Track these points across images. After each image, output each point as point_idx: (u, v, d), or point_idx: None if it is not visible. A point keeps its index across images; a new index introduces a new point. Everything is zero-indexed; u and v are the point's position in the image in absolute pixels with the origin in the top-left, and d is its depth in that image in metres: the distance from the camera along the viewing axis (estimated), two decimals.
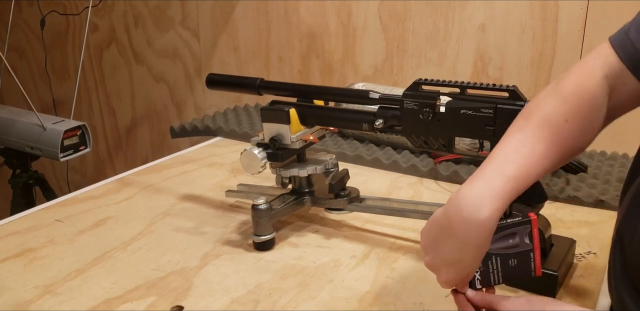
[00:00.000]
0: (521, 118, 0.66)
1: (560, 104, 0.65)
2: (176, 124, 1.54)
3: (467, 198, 0.59)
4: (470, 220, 0.58)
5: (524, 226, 0.63)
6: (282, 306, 0.79)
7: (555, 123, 0.64)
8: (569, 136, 0.64)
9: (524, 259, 0.64)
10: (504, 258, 0.64)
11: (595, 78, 0.65)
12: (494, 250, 0.64)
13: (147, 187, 1.19)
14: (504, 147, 0.63)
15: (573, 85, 0.66)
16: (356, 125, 0.93)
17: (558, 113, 0.64)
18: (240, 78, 1.03)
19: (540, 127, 0.64)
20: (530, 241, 0.63)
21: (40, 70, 2.38)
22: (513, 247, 0.64)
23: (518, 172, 0.61)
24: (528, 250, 0.63)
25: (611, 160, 1.27)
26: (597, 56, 0.66)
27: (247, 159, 0.93)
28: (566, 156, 0.66)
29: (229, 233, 1.00)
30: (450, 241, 0.60)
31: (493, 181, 0.60)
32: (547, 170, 0.64)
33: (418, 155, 1.30)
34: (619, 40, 0.65)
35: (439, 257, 0.62)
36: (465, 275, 0.62)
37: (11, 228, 1.02)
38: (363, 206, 0.99)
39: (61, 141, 1.52)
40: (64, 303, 0.80)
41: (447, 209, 0.61)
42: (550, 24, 1.39)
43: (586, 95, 0.65)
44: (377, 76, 1.66)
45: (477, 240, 0.59)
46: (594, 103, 0.65)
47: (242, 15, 1.82)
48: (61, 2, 2.21)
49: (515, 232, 0.63)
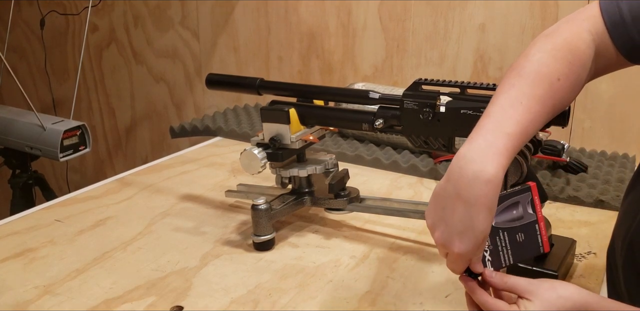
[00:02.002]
0: (514, 74, 0.65)
1: (553, 62, 0.65)
2: (176, 124, 1.54)
3: (469, 157, 0.58)
4: (476, 178, 0.56)
5: (525, 193, 0.62)
6: (281, 306, 0.79)
7: (549, 81, 0.63)
8: (561, 94, 0.64)
9: (531, 233, 0.63)
10: (511, 232, 0.63)
11: (584, 41, 0.66)
12: (499, 223, 0.63)
13: (147, 187, 1.19)
14: (499, 104, 0.62)
15: (564, 43, 0.66)
16: (356, 125, 0.93)
17: (551, 71, 0.64)
18: (240, 78, 1.03)
19: (534, 84, 0.63)
20: (534, 211, 0.62)
21: (40, 70, 2.38)
22: (518, 219, 0.63)
23: (516, 129, 0.60)
24: (533, 222, 0.63)
25: (611, 160, 1.27)
26: (586, 17, 0.68)
27: (247, 159, 0.93)
28: (555, 113, 0.66)
29: (229, 233, 1.00)
30: (458, 207, 0.58)
31: (494, 139, 0.59)
32: (540, 127, 0.64)
33: (418, 155, 1.30)
34: (609, 8, 0.66)
35: (450, 228, 0.59)
36: (481, 242, 0.58)
37: (11, 228, 1.02)
38: (363, 206, 0.99)
39: (61, 141, 1.51)
40: (64, 303, 0.80)
41: (450, 175, 0.59)
42: (550, 24, 1.37)
43: (577, 55, 0.66)
44: (377, 76, 1.66)
45: (486, 199, 0.56)
46: (583, 64, 0.66)
47: (242, 15, 1.82)
48: (61, 2, 2.20)
49: (518, 201, 0.62)
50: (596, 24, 0.67)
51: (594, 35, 0.67)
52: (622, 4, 0.65)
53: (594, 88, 1.39)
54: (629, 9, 0.64)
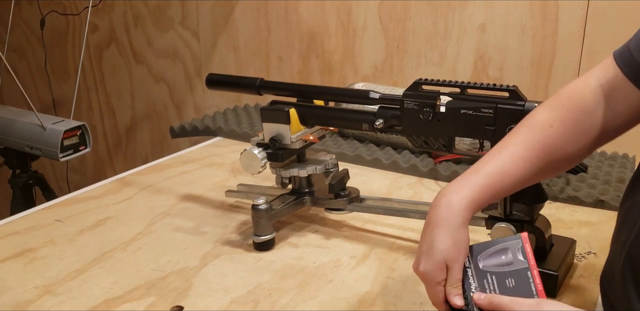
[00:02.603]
0: (517, 126, 0.70)
1: (549, 111, 0.68)
2: (176, 124, 1.54)
3: (442, 192, 0.65)
4: (440, 205, 0.64)
5: (515, 241, 0.63)
6: (281, 306, 0.79)
7: (540, 127, 0.67)
8: (553, 138, 0.67)
9: (522, 279, 0.61)
10: (500, 277, 0.62)
11: (589, 87, 0.68)
12: (487, 267, 0.63)
13: (147, 187, 1.19)
14: (491, 151, 0.68)
15: (566, 94, 0.69)
16: (356, 125, 0.93)
17: (545, 118, 0.68)
18: (240, 78, 1.03)
19: (526, 132, 0.68)
20: (525, 258, 0.62)
21: (40, 70, 2.38)
22: (507, 264, 0.62)
23: (492, 169, 0.65)
24: (524, 269, 0.61)
25: (611, 160, 1.27)
26: (596, 68, 0.69)
27: (247, 159, 0.93)
28: (553, 162, 0.68)
29: (229, 233, 1.00)
30: (426, 231, 0.64)
31: (468, 176, 0.66)
32: (528, 173, 0.66)
33: (418, 155, 1.30)
34: (620, 52, 0.67)
35: (418, 252, 0.65)
36: (440, 261, 0.62)
37: (11, 228, 1.02)
38: (363, 206, 0.99)
39: (61, 141, 1.51)
40: (64, 303, 0.80)
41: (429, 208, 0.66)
42: (550, 24, 1.39)
43: (576, 101, 0.68)
44: (377, 76, 1.66)
45: (446, 221, 0.63)
46: (583, 109, 0.67)
47: (242, 15, 1.82)
48: (61, 2, 2.20)
49: (507, 247, 0.63)
50: (607, 71, 0.67)
51: (602, 80, 0.67)
52: (631, 43, 0.65)
53: None
54: (636, 43, 0.65)
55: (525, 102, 0.78)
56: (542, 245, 0.82)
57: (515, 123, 0.78)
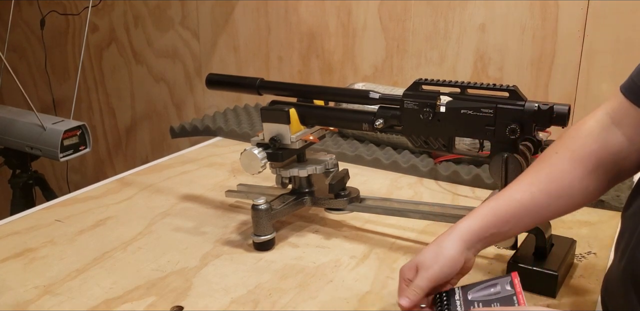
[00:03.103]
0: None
1: (557, 142, 0.73)
2: (176, 124, 1.54)
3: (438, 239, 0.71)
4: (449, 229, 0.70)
5: (505, 278, 0.66)
6: (281, 306, 0.79)
7: (545, 155, 0.72)
8: (556, 161, 0.70)
9: (507, 303, 0.63)
10: (487, 303, 0.65)
11: (595, 117, 0.71)
12: (476, 297, 0.65)
13: (147, 187, 1.19)
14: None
15: (573, 127, 0.73)
16: (356, 125, 0.93)
17: (551, 148, 0.72)
18: (240, 78, 1.03)
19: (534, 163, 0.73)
20: (512, 288, 0.64)
21: (40, 70, 2.38)
22: (495, 294, 0.65)
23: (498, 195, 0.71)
24: (510, 295, 0.64)
25: None
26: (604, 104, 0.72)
27: (247, 159, 0.93)
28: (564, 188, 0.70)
29: (229, 233, 1.00)
30: None
31: (465, 220, 0.70)
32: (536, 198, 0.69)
33: (418, 155, 1.30)
34: (624, 83, 0.69)
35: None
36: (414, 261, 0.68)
37: (11, 228, 1.02)
38: (363, 206, 0.99)
39: (61, 141, 1.52)
40: (64, 303, 0.80)
41: None
42: (550, 24, 1.39)
43: (580, 129, 0.71)
44: (377, 76, 1.66)
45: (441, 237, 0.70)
46: (587, 135, 0.70)
47: (242, 15, 1.82)
48: (61, 2, 2.20)
49: (497, 283, 0.66)
50: (613, 101, 0.70)
51: (608, 109, 0.70)
52: (633, 74, 0.68)
53: (595, 88, 1.39)
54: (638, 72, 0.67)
55: (525, 102, 0.78)
56: (542, 245, 0.82)
57: (515, 123, 0.78)
